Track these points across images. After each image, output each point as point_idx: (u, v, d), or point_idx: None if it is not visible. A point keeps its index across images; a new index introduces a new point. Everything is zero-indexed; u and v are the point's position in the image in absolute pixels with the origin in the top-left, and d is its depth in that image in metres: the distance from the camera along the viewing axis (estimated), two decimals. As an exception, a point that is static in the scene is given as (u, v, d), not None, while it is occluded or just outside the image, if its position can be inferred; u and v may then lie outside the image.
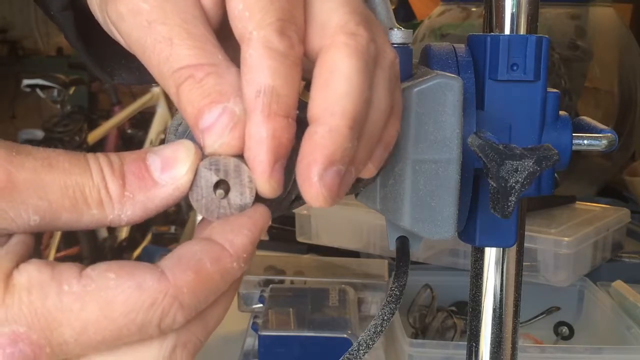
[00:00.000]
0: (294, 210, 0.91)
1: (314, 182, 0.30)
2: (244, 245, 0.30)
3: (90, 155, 0.29)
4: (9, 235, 0.29)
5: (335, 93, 0.30)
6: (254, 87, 0.29)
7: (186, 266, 0.28)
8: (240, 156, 0.31)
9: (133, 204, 0.29)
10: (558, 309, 0.94)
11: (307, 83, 0.37)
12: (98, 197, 0.29)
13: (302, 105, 0.38)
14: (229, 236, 0.30)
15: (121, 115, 3.41)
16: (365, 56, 0.30)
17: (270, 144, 0.29)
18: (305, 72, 0.31)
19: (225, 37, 0.32)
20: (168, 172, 0.30)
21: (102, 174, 0.29)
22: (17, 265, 0.27)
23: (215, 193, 0.31)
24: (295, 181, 0.36)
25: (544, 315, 0.93)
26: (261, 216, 0.31)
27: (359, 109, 0.30)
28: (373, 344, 0.36)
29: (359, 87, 0.30)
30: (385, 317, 0.37)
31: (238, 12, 0.30)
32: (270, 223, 0.32)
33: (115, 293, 0.27)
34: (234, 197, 0.31)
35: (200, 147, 0.30)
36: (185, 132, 0.36)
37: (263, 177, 0.30)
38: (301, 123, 0.31)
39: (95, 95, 3.61)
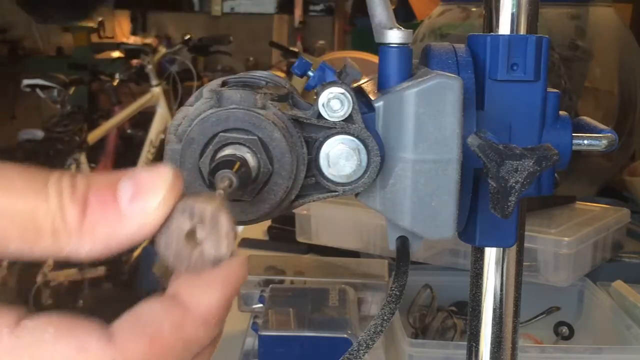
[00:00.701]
0: (294, 210, 0.91)
1: None
2: (213, 307, 0.26)
3: (53, 176, 0.25)
4: None
5: None
6: None
7: (141, 331, 0.24)
8: (218, 204, 0.28)
9: (93, 238, 0.25)
10: (558, 309, 0.94)
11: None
12: (52, 226, 0.24)
13: (304, 106, 0.38)
14: (197, 295, 0.26)
15: (121, 115, 3.41)
16: None
17: None
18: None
19: None
20: (137, 202, 0.25)
21: (60, 199, 0.24)
22: None
23: (186, 242, 0.27)
24: (295, 180, 0.36)
25: (544, 315, 0.93)
26: (237, 271, 0.27)
27: None
28: (373, 344, 0.36)
29: None
30: (385, 317, 0.37)
31: None
32: (246, 278, 0.29)
33: (49, 352, 0.23)
34: (208, 247, 0.27)
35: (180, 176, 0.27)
36: (185, 132, 0.36)
37: None
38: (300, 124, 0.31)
39: (95, 95, 3.62)
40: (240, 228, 1.52)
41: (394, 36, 0.39)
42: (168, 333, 0.25)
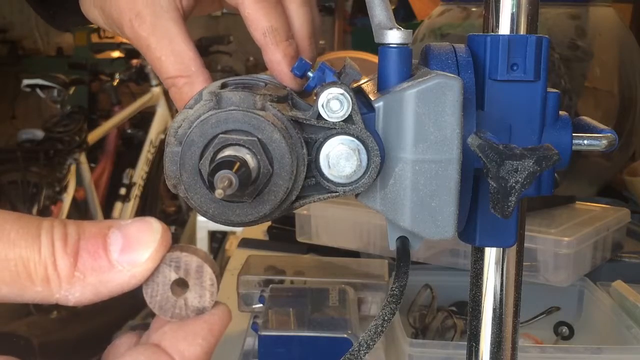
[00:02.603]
0: (294, 211, 0.91)
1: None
2: (196, 357, 0.28)
3: (45, 225, 0.26)
4: None
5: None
6: (260, 31, 0.44)
7: None
8: (203, 257, 0.29)
9: (83, 286, 0.27)
10: (558, 309, 0.94)
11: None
12: (44, 274, 0.26)
13: (304, 107, 0.38)
14: (181, 345, 0.28)
15: (121, 115, 3.41)
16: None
17: (286, 60, 0.43)
18: None
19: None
20: (127, 254, 0.27)
21: (52, 249, 0.26)
22: None
23: (171, 292, 0.29)
24: (295, 181, 0.36)
25: (544, 315, 0.93)
26: (219, 321, 0.29)
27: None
28: (373, 344, 0.36)
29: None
30: (386, 318, 0.37)
31: None
32: (228, 325, 0.30)
33: None
34: (192, 298, 0.29)
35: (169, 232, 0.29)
36: (185, 135, 0.36)
37: (290, 80, 0.43)
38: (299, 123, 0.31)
39: (95, 95, 3.61)
40: (240, 229, 1.52)
41: (394, 36, 0.39)
42: None
